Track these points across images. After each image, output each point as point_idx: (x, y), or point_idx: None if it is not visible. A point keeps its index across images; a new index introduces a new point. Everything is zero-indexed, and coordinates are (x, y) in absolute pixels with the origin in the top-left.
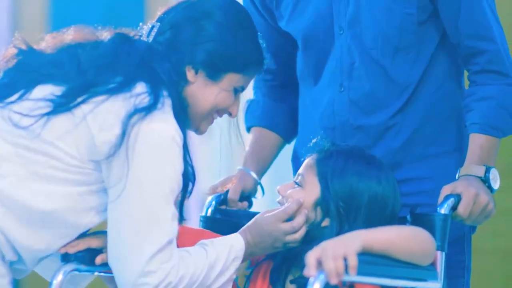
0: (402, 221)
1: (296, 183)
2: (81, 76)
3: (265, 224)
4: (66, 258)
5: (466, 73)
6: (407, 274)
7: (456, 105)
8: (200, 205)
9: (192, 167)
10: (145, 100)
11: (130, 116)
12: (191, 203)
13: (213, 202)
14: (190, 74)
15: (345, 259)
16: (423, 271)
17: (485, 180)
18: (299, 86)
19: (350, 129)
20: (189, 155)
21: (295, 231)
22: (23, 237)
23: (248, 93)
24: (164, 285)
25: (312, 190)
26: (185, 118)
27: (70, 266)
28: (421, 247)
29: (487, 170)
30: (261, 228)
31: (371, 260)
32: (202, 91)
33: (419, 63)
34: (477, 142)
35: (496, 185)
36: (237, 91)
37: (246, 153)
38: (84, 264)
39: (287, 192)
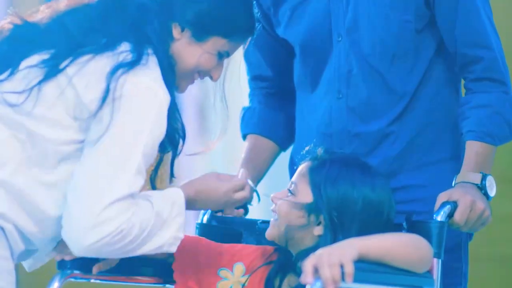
0: (398, 228)
1: (289, 191)
2: (68, 40)
3: (221, 192)
4: (62, 265)
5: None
6: (403, 281)
7: (452, 113)
8: (196, 212)
9: (182, 124)
10: (128, 57)
11: (114, 70)
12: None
13: (209, 209)
14: (175, 31)
15: (342, 266)
16: (420, 278)
17: (482, 187)
18: (296, 93)
19: (347, 137)
20: (179, 112)
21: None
22: (29, 225)
23: (245, 100)
24: (117, 232)
25: (305, 199)
26: (173, 75)
27: (66, 273)
28: (417, 254)
29: (484, 177)
30: (215, 192)
31: (368, 267)
32: (186, 50)
33: (416, 71)
34: (473, 149)
35: (492, 192)
36: (222, 55)
37: (242, 160)
38: (80, 271)
39: (278, 201)
